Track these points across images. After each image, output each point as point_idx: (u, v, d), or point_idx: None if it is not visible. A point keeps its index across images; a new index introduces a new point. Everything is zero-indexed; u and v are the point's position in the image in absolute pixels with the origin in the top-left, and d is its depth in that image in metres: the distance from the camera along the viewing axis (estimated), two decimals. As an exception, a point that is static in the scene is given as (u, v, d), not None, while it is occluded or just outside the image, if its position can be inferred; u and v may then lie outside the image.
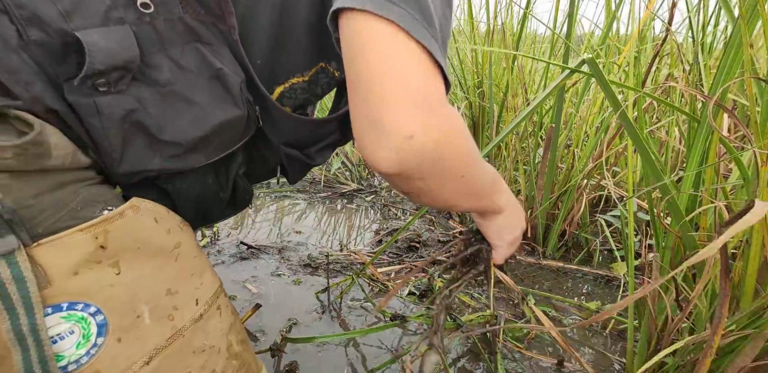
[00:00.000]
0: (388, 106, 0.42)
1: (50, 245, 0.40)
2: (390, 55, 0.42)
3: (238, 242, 1.49)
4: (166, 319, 0.47)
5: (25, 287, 0.39)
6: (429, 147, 0.43)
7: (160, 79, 0.46)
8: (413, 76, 0.43)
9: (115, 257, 0.44)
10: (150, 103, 0.46)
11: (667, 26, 1.04)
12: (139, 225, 0.47)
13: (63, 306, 0.41)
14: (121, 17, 0.44)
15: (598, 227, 1.50)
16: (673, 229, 0.79)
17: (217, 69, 0.49)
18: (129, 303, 0.45)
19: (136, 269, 0.46)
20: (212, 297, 0.54)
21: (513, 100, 1.63)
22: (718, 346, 0.62)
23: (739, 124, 0.63)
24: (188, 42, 0.48)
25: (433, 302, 0.74)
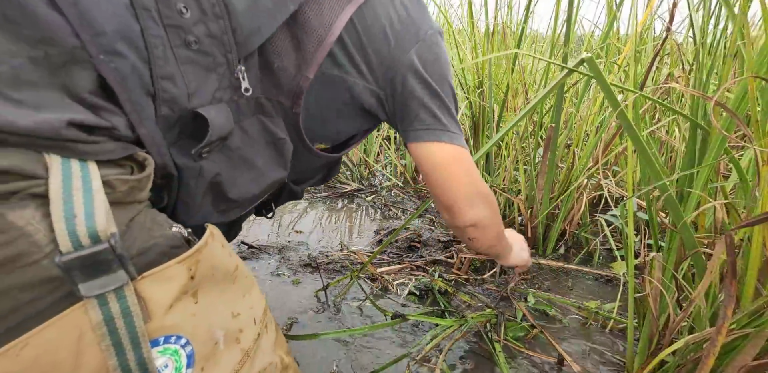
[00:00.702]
0: (461, 207, 0.76)
1: (152, 277, 0.41)
2: (453, 172, 0.73)
3: (239, 242, 1.49)
4: (234, 342, 0.48)
5: (132, 322, 0.39)
6: (488, 225, 0.80)
7: (231, 146, 0.54)
8: (467, 181, 0.74)
9: (197, 287, 0.45)
10: (225, 166, 0.54)
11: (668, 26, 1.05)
12: (215, 252, 0.48)
13: (160, 340, 0.41)
14: (221, 97, 0.52)
15: (598, 227, 1.50)
16: (674, 227, 0.79)
17: (278, 138, 0.60)
18: (208, 331, 0.45)
19: (208, 296, 0.46)
20: (263, 314, 0.55)
21: (513, 101, 1.64)
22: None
23: (740, 123, 0.63)
24: (254, 114, 0.57)
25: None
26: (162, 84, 0.46)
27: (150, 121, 0.46)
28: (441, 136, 0.70)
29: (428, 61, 0.67)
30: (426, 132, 0.70)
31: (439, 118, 0.70)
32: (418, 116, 0.69)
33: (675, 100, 1.41)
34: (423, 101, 0.68)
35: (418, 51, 0.66)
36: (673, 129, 1.45)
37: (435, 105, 0.69)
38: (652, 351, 0.84)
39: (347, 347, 1.00)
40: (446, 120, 0.70)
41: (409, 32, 0.65)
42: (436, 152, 0.71)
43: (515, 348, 1.01)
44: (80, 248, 0.37)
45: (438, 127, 0.70)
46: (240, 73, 0.53)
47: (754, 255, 0.66)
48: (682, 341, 0.73)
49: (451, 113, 0.71)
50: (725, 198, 0.82)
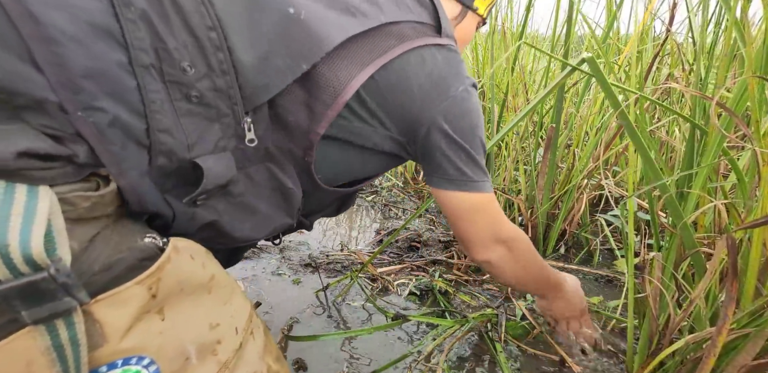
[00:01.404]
0: (476, 248, 0.78)
1: (108, 301, 0.40)
2: (474, 220, 0.74)
3: (239, 242, 1.49)
4: (210, 355, 0.47)
5: (77, 351, 0.39)
6: (502, 265, 0.80)
7: (234, 191, 0.55)
8: (487, 228, 0.75)
9: (161, 304, 0.44)
10: (224, 211, 0.55)
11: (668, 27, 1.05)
12: (182, 266, 0.48)
13: (118, 363, 0.41)
14: (225, 145, 0.52)
15: (599, 227, 1.50)
16: (673, 229, 0.79)
17: (287, 188, 0.61)
18: (178, 347, 0.45)
19: (179, 311, 0.46)
20: (247, 322, 0.54)
21: (514, 101, 1.64)
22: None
23: (740, 123, 0.63)
24: (262, 162, 0.58)
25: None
26: (158, 136, 0.46)
27: (135, 171, 0.46)
28: (463, 186, 0.70)
29: (455, 116, 0.66)
30: (448, 182, 0.70)
31: (464, 171, 0.69)
32: (441, 167, 0.69)
33: (675, 100, 1.42)
34: (446, 154, 0.67)
35: (446, 107, 0.65)
36: (674, 129, 1.45)
37: (459, 158, 0.68)
38: (653, 351, 0.84)
39: (348, 348, 1.00)
40: (471, 171, 0.70)
41: (439, 90, 0.64)
42: (458, 201, 0.71)
43: (516, 348, 1.01)
44: (19, 276, 0.36)
45: (461, 179, 0.69)
46: (246, 124, 0.53)
47: (754, 255, 0.66)
48: (683, 340, 0.73)
49: (477, 163, 0.70)
50: (725, 197, 0.82)
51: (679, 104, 1.42)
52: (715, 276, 0.73)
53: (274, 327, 1.05)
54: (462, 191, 0.70)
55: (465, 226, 0.74)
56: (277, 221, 0.62)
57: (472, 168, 0.70)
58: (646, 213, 1.29)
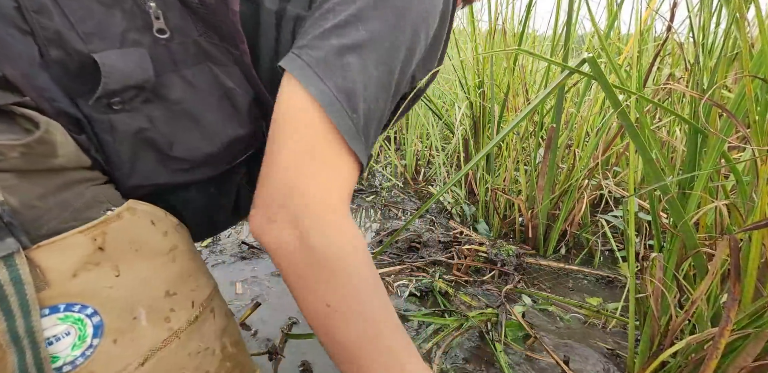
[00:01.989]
0: (258, 203, 0.49)
1: (49, 247, 0.41)
2: (304, 141, 0.46)
3: (240, 242, 1.49)
4: (162, 321, 0.47)
5: (22, 290, 0.39)
6: (286, 261, 0.47)
7: (171, 97, 0.48)
8: (296, 168, 0.46)
9: (114, 259, 0.45)
10: (161, 121, 0.48)
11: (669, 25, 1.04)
12: (136, 227, 0.47)
13: (60, 308, 0.41)
14: (138, 39, 0.46)
15: (599, 227, 1.50)
16: (674, 229, 0.79)
17: (229, 88, 0.51)
18: (127, 305, 0.45)
19: (136, 271, 0.46)
20: (207, 299, 0.54)
21: (514, 101, 1.63)
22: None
23: (738, 124, 0.63)
24: (201, 62, 0.50)
25: None
26: (35, 18, 0.40)
27: (24, 61, 0.41)
28: (302, 74, 0.46)
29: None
30: (291, 60, 0.47)
31: (318, 47, 0.46)
32: (306, 33, 0.48)
33: (676, 100, 1.41)
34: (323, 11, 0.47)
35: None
36: (674, 129, 1.44)
37: (324, 24, 0.47)
38: (654, 352, 0.84)
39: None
40: (324, 56, 0.46)
41: None
42: (288, 98, 0.48)
43: (516, 348, 1.01)
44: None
45: (307, 60, 0.46)
46: (151, 10, 0.45)
47: (753, 255, 0.66)
48: (684, 341, 0.73)
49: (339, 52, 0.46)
50: (726, 198, 0.81)
51: (681, 104, 1.42)
52: (717, 277, 0.73)
53: (274, 327, 1.05)
54: (302, 84, 0.45)
55: (270, 151, 0.48)
56: (230, 131, 0.52)
57: (324, 52, 0.45)
58: (647, 214, 1.28)
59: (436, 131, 2.20)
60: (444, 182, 2.05)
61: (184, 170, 0.51)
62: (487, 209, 1.70)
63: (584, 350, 1.02)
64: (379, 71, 0.46)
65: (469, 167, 0.86)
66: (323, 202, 0.46)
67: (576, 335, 1.07)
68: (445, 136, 2.53)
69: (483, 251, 1.38)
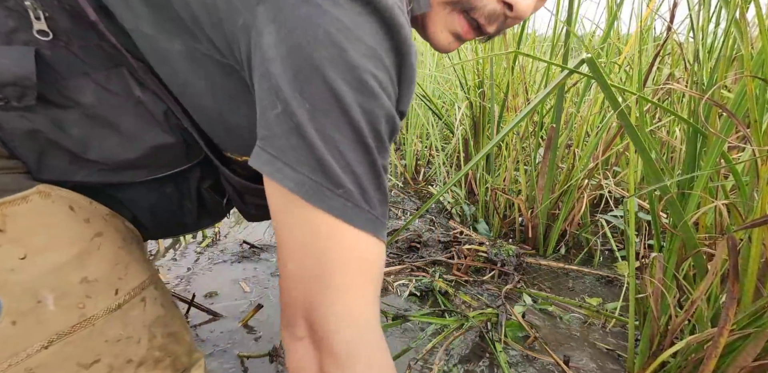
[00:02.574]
0: (283, 315, 0.43)
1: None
2: (295, 266, 0.40)
3: (241, 242, 1.49)
4: (74, 307, 0.47)
5: None
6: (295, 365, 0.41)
7: (83, 101, 0.47)
8: (312, 292, 0.40)
9: (20, 242, 0.45)
10: (72, 124, 0.48)
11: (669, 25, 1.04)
12: (49, 212, 0.47)
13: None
14: (29, 40, 0.45)
15: (599, 227, 1.50)
16: (674, 229, 0.79)
17: (136, 96, 0.49)
18: (30, 288, 0.45)
19: (46, 256, 0.46)
20: (136, 288, 0.54)
21: (514, 101, 1.64)
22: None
23: (738, 124, 0.63)
24: (115, 66, 0.48)
25: None
26: None
27: None
28: (278, 174, 0.39)
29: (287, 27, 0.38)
30: (265, 158, 0.40)
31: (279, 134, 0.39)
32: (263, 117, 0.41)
33: (676, 100, 1.41)
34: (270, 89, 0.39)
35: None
36: (674, 129, 1.45)
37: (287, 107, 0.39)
38: (654, 352, 0.84)
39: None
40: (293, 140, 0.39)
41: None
42: (281, 206, 0.41)
43: (516, 348, 1.01)
44: None
45: (283, 155, 0.39)
46: (30, 9, 0.44)
47: (754, 255, 0.66)
48: (684, 341, 0.73)
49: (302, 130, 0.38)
50: (726, 197, 0.82)
51: (680, 104, 1.42)
52: (717, 277, 0.73)
53: (274, 328, 1.05)
54: (276, 182, 0.39)
55: (281, 267, 0.42)
56: (153, 139, 0.50)
57: (287, 139, 0.38)
58: (647, 214, 1.28)
59: (436, 131, 2.20)
60: (444, 182, 2.06)
61: (105, 171, 0.50)
62: (487, 209, 1.70)
63: (584, 349, 1.02)
64: (342, 134, 0.38)
65: (468, 167, 0.86)
66: (350, 321, 0.39)
67: (576, 335, 1.07)
68: (445, 136, 2.53)
69: (483, 251, 1.38)
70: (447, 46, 0.55)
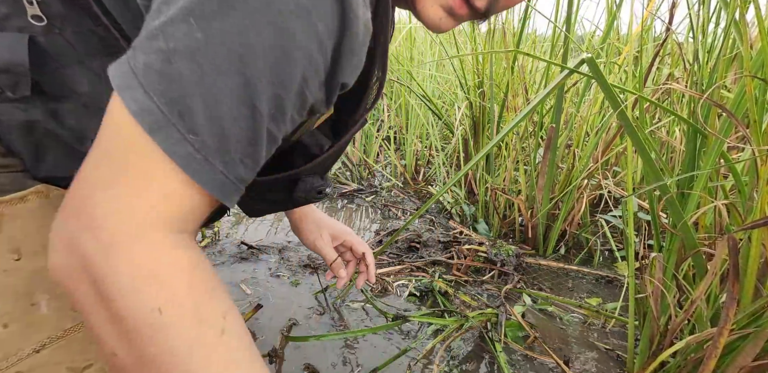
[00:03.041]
0: (57, 221, 0.36)
1: None
2: (116, 164, 0.34)
3: (239, 242, 1.49)
4: (68, 310, 0.47)
5: None
6: (68, 286, 0.35)
7: (80, 90, 0.45)
8: (97, 185, 0.34)
9: (15, 243, 0.43)
10: (67, 114, 0.46)
11: (668, 26, 1.04)
12: (45, 212, 0.46)
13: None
14: (24, 26, 0.43)
15: (599, 227, 1.50)
16: (674, 229, 0.79)
17: None
18: (23, 291, 0.44)
19: (42, 258, 0.44)
20: None
21: (514, 101, 1.64)
22: (718, 346, 0.62)
23: (738, 124, 0.63)
24: (110, 54, 0.45)
25: None
26: None
27: None
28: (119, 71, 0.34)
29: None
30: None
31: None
32: None
33: (675, 100, 1.41)
34: None
35: None
36: (674, 129, 1.45)
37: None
38: (653, 352, 0.84)
39: (349, 348, 1.00)
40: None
41: None
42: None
43: (516, 348, 1.01)
44: None
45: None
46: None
47: (753, 255, 0.66)
48: (683, 341, 0.73)
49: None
50: (726, 197, 0.81)
51: (680, 104, 1.42)
52: (716, 277, 0.73)
53: (273, 329, 1.05)
54: (122, 100, 0.33)
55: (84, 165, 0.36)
56: None
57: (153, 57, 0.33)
58: (646, 214, 1.28)
59: (435, 131, 2.20)
60: (444, 182, 2.06)
61: None
62: (487, 209, 1.70)
63: (584, 349, 1.02)
64: (226, 83, 0.33)
65: (468, 167, 0.86)
66: (126, 223, 0.33)
67: (575, 335, 1.07)
68: (444, 136, 2.53)
69: (483, 251, 1.38)
70: (438, 22, 0.50)
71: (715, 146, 0.72)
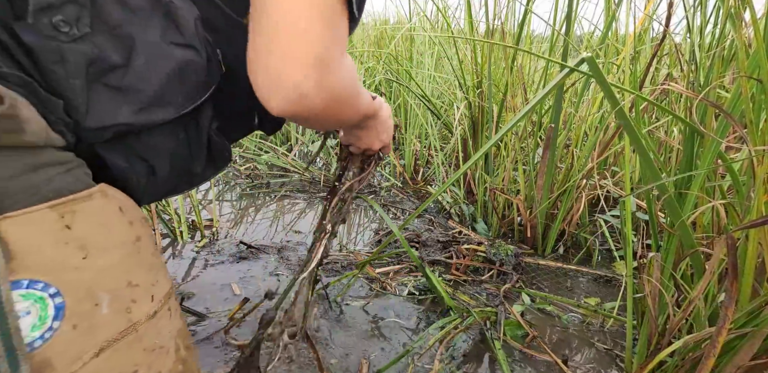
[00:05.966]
0: (288, 62, 0.45)
1: (17, 219, 0.38)
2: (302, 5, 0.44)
3: (238, 242, 1.49)
4: (123, 311, 0.45)
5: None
6: (319, 105, 0.48)
7: (110, 22, 0.44)
8: (315, 30, 0.45)
9: (83, 240, 0.43)
10: (107, 48, 0.44)
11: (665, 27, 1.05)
12: (106, 211, 0.46)
13: (23, 283, 0.38)
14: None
15: (598, 227, 1.50)
16: (672, 228, 0.79)
17: (166, 2, 0.47)
18: (90, 289, 0.43)
19: (103, 256, 0.44)
20: (165, 296, 0.52)
21: (512, 101, 1.64)
22: (715, 344, 0.62)
23: (735, 125, 0.63)
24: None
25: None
26: None
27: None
28: None
29: None
30: None
31: None
32: None
33: (674, 100, 1.42)
34: None
35: None
36: (672, 129, 1.45)
37: None
38: (652, 351, 0.84)
39: (350, 349, 1.00)
40: None
41: None
42: None
43: (515, 347, 1.01)
44: None
45: None
46: None
47: (750, 254, 0.66)
48: (681, 340, 0.73)
49: None
50: (723, 197, 0.82)
51: (678, 104, 1.42)
52: (714, 276, 0.73)
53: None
54: None
55: (282, 24, 0.45)
56: (177, 54, 0.49)
57: None
58: (644, 213, 1.29)
59: (434, 131, 2.20)
60: (443, 182, 2.06)
61: (143, 110, 0.47)
62: (486, 209, 1.70)
63: (582, 349, 1.02)
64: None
65: (466, 167, 0.86)
66: (337, 51, 0.48)
67: (574, 334, 1.08)
68: (443, 136, 2.53)
69: (482, 251, 1.38)
70: None
71: (712, 146, 0.72)
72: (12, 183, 0.39)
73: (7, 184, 0.38)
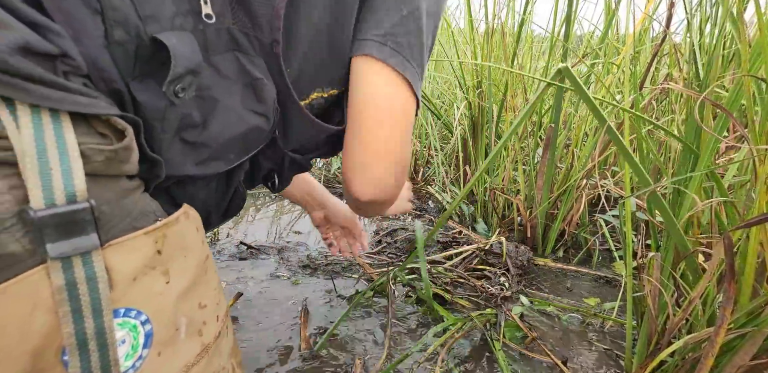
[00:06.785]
0: (380, 162, 0.61)
1: (118, 246, 0.38)
2: (390, 122, 0.60)
3: (238, 243, 1.49)
4: (196, 334, 0.45)
5: (96, 288, 0.36)
6: (394, 193, 0.65)
7: (203, 84, 0.48)
8: (399, 143, 0.61)
9: (167, 264, 0.42)
10: (193, 108, 0.47)
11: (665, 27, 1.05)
12: (189, 233, 0.45)
13: (121, 312, 0.38)
14: (182, 24, 0.45)
15: (598, 227, 1.50)
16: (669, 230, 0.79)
17: (256, 78, 0.52)
18: (173, 315, 0.42)
19: (181, 279, 0.43)
20: (225, 315, 0.51)
21: (512, 101, 1.64)
22: (716, 345, 0.62)
23: (736, 124, 0.63)
24: (229, 50, 0.50)
25: None
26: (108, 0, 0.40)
27: (91, 41, 0.40)
28: (396, 58, 0.57)
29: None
30: (380, 45, 0.56)
31: (398, 33, 0.57)
32: (379, 19, 0.57)
33: (674, 100, 1.42)
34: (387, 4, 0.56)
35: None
36: (672, 129, 1.45)
37: (398, 13, 0.57)
38: (651, 351, 0.84)
39: (351, 348, 1.00)
40: (408, 41, 0.58)
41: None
42: (382, 81, 0.59)
43: (515, 348, 1.01)
44: (53, 207, 0.34)
45: (397, 46, 0.57)
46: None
47: (751, 254, 0.66)
48: (681, 341, 0.73)
49: (417, 35, 0.58)
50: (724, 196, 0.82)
51: (678, 104, 1.42)
52: (714, 276, 0.73)
53: (285, 325, 1.05)
54: (392, 67, 0.57)
55: (376, 129, 0.61)
56: (251, 119, 0.53)
57: (408, 37, 0.57)
58: (645, 213, 1.29)
59: (434, 131, 2.20)
60: (443, 182, 2.06)
61: (202, 163, 0.51)
62: (486, 209, 1.70)
63: (582, 349, 1.02)
64: (429, 38, 0.61)
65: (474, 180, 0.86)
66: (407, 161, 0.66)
67: (574, 335, 1.08)
68: (443, 136, 2.53)
69: (483, 251, 1.38)
70: None
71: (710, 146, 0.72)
72: (111, 207, 0.39)
73: (106, 208, 0.39)
